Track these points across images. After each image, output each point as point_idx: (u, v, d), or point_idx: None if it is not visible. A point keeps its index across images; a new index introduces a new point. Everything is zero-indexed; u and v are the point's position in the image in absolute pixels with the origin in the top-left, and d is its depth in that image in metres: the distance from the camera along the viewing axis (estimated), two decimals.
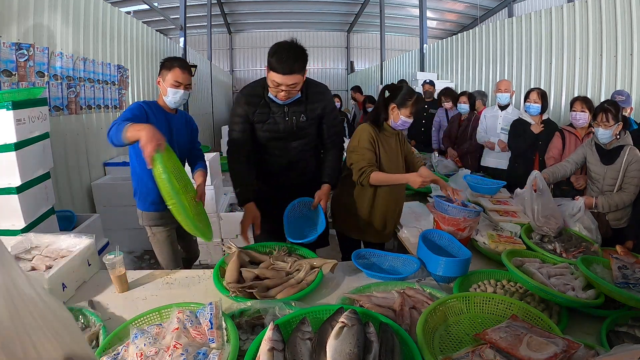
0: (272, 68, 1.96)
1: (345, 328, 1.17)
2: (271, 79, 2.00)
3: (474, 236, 2.24)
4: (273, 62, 1.95)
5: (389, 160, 2.42)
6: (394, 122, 2.38)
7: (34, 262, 1.84)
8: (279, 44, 1.98)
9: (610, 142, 2.61)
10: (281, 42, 1.99)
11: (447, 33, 14.40)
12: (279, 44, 1.98)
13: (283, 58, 1.93)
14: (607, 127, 2.56)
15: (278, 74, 1.96)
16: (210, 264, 3.74)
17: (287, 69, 1.95)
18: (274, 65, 1.95)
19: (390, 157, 2.43)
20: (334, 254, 2.45)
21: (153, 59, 6.71)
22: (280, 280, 1.77)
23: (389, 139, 2.44)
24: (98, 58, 4.67)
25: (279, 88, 2.02)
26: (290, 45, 1.98)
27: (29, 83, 3.39)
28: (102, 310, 1.68)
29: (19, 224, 2.52)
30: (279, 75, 1.96)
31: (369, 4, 13.63)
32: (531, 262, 1.79)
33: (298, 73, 1.99)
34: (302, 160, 2.39)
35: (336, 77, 17.93)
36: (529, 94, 3.64)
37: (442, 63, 8.40)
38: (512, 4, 12.33)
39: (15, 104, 2.44)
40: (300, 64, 1.98)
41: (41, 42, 3.56)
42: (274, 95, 2.09)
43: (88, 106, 4.44)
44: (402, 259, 2.00)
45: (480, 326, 1.40)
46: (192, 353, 1.18)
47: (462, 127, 4.70)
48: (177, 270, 2.03)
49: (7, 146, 2.44)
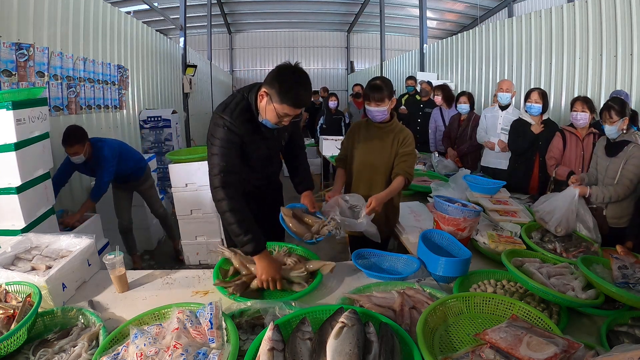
0: (285, 102, 1.80)
1: (345, 328, 1.17)
2: (281, 112, 1.83)
3: (474, 236, 2.24)
4: (288, 97, 1.79)
5: (363, 152, 2.52)
6: (369, 115, 2.47)
7: (34, 262, 1.85)
8: (292, 77, 1.81)
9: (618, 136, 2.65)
10: (293, 73, 1.83)
11: (447, 33, 14.40)
12: (292, 77, 1.81)
13: (300, 94, 1.81)
14: (612, 123, 2.59)
15: (292, 108, 1.82)
16: (211, 264, 3.74)
17: (302, 105, 1.86)
18: (289, 101, 1.80)
19: (366, 150, 2.51)
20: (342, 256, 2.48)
21: (153, 59, 6.72)
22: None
23: (377, 134, 2.50)
24: (98, 58, 4.67)
25: (285, 118, 1.89)
26: (302, 78, 1.82)
27: (29, 83, 3.39)
28: (102, 310, 1.69)
29: (19, 224, 2.52)
30: (293, 109, 1.84)
31: (369, 4, 13.63)
32: (531, 262, 1.78)
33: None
34: (276, 172, 2.41)
35: (336, 77, 17.87)
36: (530, 94, 3.63)
37: (442, 63, 8.39)
38: (512, 4, 12.33)
39: (15, 104, 2.44)
40: (311, 94, 1.90)
41: (41, 42, 3.56)
42: (274, 122, 1.90)
43: (88, 106, 4.45)
44: (402, 259, 2.00)
45: (480, 326, 1.40)
46: (192, 353, 1.18)
47: (462, 127, 4.70)
48: (177, 270, 2.03)
49: (7, 146, 2.44)
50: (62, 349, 1.37)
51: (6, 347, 1.32)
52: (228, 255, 1.94)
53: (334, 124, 7.54)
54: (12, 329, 1.33)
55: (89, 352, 1.33)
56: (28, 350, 1.39)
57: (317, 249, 2.07)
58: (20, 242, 1.96)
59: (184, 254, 4.28)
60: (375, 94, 2.37)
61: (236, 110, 1.93)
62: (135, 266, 4.06)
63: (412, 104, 6.38)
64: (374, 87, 2.39)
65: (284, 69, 1.83)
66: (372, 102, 2.39)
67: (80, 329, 1.48)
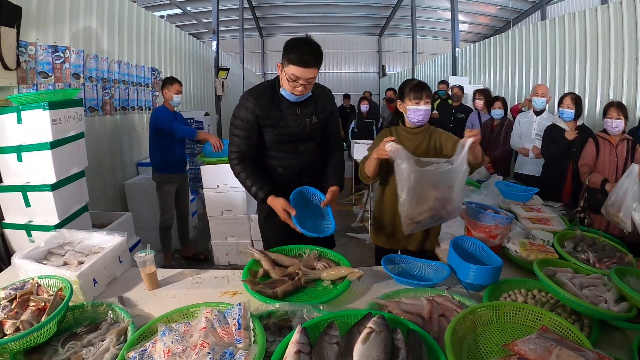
0: (291, 61, 1.94)
1: (373, 334, 1.15)
2: (290, 73, 1.97)
3: (505, 244, 2.19)
4: (292, 56, 1.93)
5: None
6: (407, 117, 2.26)
7: (67, 257, 1.89)
8: (296, 39, 1.97)
9: None
10: (297, 38, 1.98)
11: (480, 36, 14.24)
12: (296, 39, 1.97)
13: (303, 51, 1.93)
14: None
15: (298, 67, 1.93)
16: (240, 265, 3.77)
17: (308, 62, 1.93)
18: (293, 59, 1.93)
19: None
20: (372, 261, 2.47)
21: (186, 62, 6.85)
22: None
23: (406, 142, 2.23)
24: (132, 61, 4.79)
25: (297, 82, 1.99)
26: (307, 40, 1.97)
27: (65, 84, 3.50)
28: (132, 306, 1.71)
29: (53, 220, 2.60)
30: (299, 69, 1.94)
31: (401, 8, 13.59)
32: (563, 272, 1.73)
33: (316, 67, 1.98)
34: (311, 164, 2.33)
35: (368, 80, 17.80)
36: (563, 99, 3.55)
37: (475, 67, 8.27)
38: (545, 6, 12.09)
39: (52, 104, 2.52)
40: (318, 57, 1.98)
41: (77, 45, 3.67)
42: (290, 90, 2.04)
43: (122, 107, 4.56)
44: (432, 265, 1.97)
45: (509, 336, 1.36)
46: (219, 352, 1.18)
47: (495, 132, 4.62)
48: (206, 270, 2.04)
49: (43, 145, 2.52)
50: (90, 342, 1.40)
51: (36, 339, 1.35)
52: (258, 257, 1.94)
53: (365, 128, 7.51)
54: (43, 321, 1.36)
55: (117, 347, 1.34)
56: (57, 342, 1.42)
57: (346, 253, 2.05)
58: (53, 238, 2.01)
59: (214, 254, 4.34)
60: (424, 91, 2.21)
61: (258, 88, 2.17)
62: (166, 264, 4.14)
63: (444, 109, 6.31)
64: (419, 85, 2.23)
65: (292, 38, 1.99)
66: (420, 100, 2.20)
67: (109, 324, 1.51)
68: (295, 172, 2.28)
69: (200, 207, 5.39)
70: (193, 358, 1.16)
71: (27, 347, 1.35)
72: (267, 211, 2.24)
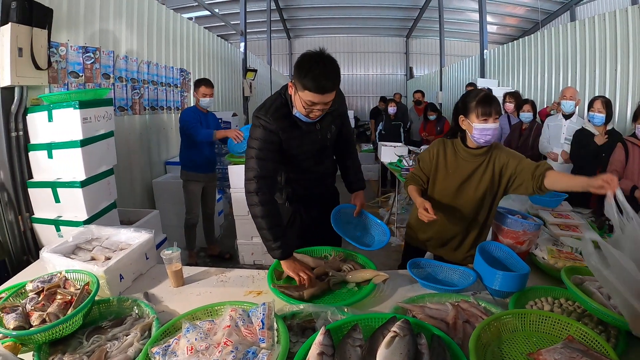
0: (306, 87, 1.71)
1: (397, 338, 1.14)
2: (305, 100, 1.75)
3: (532, 250, 2.14)
4: (307, 82, 1.70)
5: (446, 186, 2.13)
6: (472, 135, 1.96)
7: (94, 252, 1.94)
8: (309, 59, 1.73)
9: None
10: (310, 56, 1.74)
11: (508, 38, 13.98)
12: (309, 59, 1.73)
13: (320, 76, 1.70)
14: None
15: (314, 94, 1.72)
16: (265, 265, 3.79)
17: (326, 88, 1.73)
18: (308, 85, 1.70)
19: (450, 183, 2.11)
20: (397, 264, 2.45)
21: (214, 63, 6.92)
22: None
23: (464, 163, 2.06)
24: (161, 61, 4.86)
25: (314, 108, 1.79)
26: (322, 60, 1.72)
27: (95, 84, 3.57)
28: (157, 302, 1.74)
29: (82, 216, 2.66)
30: (317, 96, 1.73)
31: (428, 9, 13.45)
32: (591, 281, 1.67)
33: (334, 91, 1.77)
34: (331, 166, 2.28)
35: (395, 82, 17.61)
36: (593, 102, 3.46)
37: (503, 69, 8.12)
38: (574, 7, 11.80)
39: (82, 104, 2.59)
40: (336, 81, 1.77)
41: (107, 46, 3.74)
42: (305, 114, 1.84)
43: (151, 107, 4.64)
44: (458, 270, 1.94)
45: (534, 345, 1.33)
46: (242, 351, 1.19)
47: (524, 136, 4.54)
48: (232, 269, 2.06)
49: (74, 143, 2.59)
50: (114, 336, 1.42)
51: (61, 331, 1.38)
52: None
53: (393, 130, 7.47)
54: (69, 314, 1.40)
55: (141, 342, 1.36)
56: (82, 335, 1.45)
57: (371, 256, 2.04)
58: (81, 233, 2.06)
59: (239, 253, 4.37)
60: (493, 106, 1.91)
61: (271, 108, 1.91)
62: (190, 262, 4.19)
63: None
64: (488, 98, 1.92)
65: (305, 55, 1.76)
66: (489, 117, 1.90)
67: (134, 319, 1.53)
68: (316, 177, 2.23)
69: (226, 206, 5.43)
70: (216, 356, 1.17)
71: (52, 338, 1.38)
72: (290, 215, 2.24)
